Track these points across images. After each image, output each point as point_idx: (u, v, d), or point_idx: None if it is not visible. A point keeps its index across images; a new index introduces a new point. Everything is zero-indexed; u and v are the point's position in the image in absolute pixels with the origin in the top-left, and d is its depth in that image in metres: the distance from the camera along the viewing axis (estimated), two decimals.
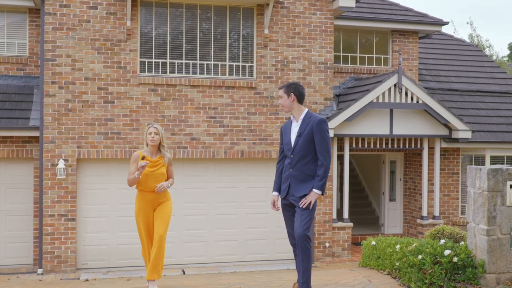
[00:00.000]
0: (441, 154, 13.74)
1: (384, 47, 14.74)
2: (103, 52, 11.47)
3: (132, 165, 6.61)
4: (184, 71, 11.97)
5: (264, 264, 12.17)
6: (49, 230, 11.19)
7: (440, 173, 13.78)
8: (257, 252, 12.36)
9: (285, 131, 5.69)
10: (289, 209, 5.60)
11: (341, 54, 14.39)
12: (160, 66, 11.86)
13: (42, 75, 11.24)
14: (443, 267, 5.15)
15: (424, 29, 14.62)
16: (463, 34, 65.41)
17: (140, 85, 11.63)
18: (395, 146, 13.07)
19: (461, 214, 14.08)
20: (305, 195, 5.37)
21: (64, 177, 11.20)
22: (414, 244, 5.52)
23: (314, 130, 5.41)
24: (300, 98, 5.57)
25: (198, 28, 12.02)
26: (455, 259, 5.12)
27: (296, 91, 5.57)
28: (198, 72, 12.04)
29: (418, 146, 13.28)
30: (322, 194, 5.42)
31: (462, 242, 5.41)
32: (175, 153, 11.72)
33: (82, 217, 11.53)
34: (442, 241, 5.47)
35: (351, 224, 12.85)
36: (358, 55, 14.56)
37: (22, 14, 12.55)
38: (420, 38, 15.18)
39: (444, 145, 13.45)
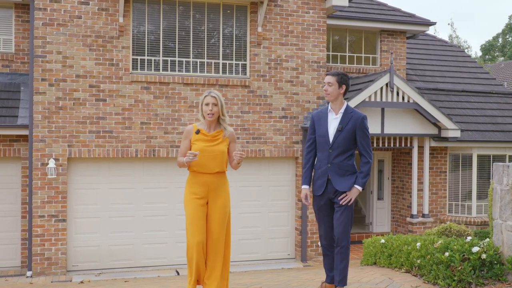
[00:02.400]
0: (429, 153, 13.87)
1: (373, 47, 14.82)
2: (94, 49, 11.22)
3: (184, 142, 5.36)
4: (177, 69, 11.80)
5: (257, 264, 12.08)
6: (39, 232, 10.89)
7: (429, 172, 13.90)
8: (250, 252, 12.27)
9: (319, 121, 5.41)
10: (326, 208, 5.35)
11: (331, 53, 14.40)
12: (152, 63, 11.67)
13: (31, 72, 10.93)
14: (471, 264, 5.15)
15: (412, 29, 14.75)
16: (442, 35, 66.51)
17: (132, 83, 11.42)
18: (386, 145, 13.13)
19: (448, 212, 14.23)
20: (345, 191, 5.21)
21: (55, 176, 10.91)
22: (440, 242, 5.51)
23: (357, 127, 5.25)
24: (347, 91, 5.41)
25: (191, 26, 11.87)
26: (483, 256, 5.13)
27: (348, 84, 5.37)
28: (191, 70, 11.88)
29: (408, 145, 13.37)
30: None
31: (487, 239, 5.42)
32: (168, 152, 11.54)
33: (73, 217, 11.25)
34: (469, 238, 5.47)
35: None
36: (347, 54, 14.59)
37: (8, 10, 12.19)
38: (407, 38, 15.30)
39: (433, 144, 13.58)
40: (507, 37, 42.00)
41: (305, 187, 5.42)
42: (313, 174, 5.50)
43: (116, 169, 11.49)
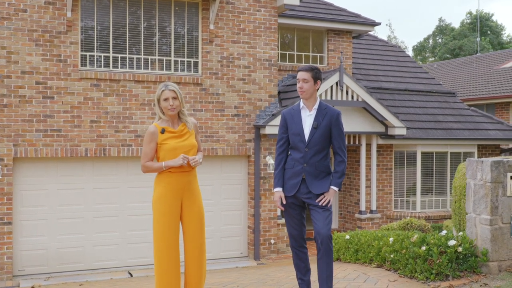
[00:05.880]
0: (376, 150, 14.18)
1: (320, 46, 14.99)
2: (41, 44, 10.76)
3: (149, 145, 4.91)
4: (128, 66, 11.51)
5: (210, 263, 11.95)
6: None
7: (376, 169, 14.21)
8: None
9: (291, 119, 5.02)
10: (297, 207, 5.00)
11: (279, 51, 14.45)
12: (102, 60, 11.33)
13: None
14: (448, 257, 5.28)
15: (358, 29, 15.03)
16: (381, 35, 68.26)
17: (81, 79, 11.04)
18: None
19: (394, 208, 14.60)
20: (323, 193, 4.90)
21: (0, 177, 10.40)
22: (416, 236, 5.62)
23: (332, 124, 4.94)
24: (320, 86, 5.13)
25: (142, 22, 11.60)
26: (459, 249, 5.27)
27: (321, 78, 5.08)
28: (142, 67, 11.62)
29: (357, 142, 13.62)
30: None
31: (461, 233, 5.58)
32: (119, 151, 11.24)
33: (19, 220, 10.76)
34: (444, 232, 5.62)
35: None
36: (295, 53, 14.70)
37: None
38: (352, 37, 15.57)
39: (380, 141, 13.90)
40: (437, 38, 43.68)
41: (278, 189, 5.03)
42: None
43: (65, 169, 11.08)
